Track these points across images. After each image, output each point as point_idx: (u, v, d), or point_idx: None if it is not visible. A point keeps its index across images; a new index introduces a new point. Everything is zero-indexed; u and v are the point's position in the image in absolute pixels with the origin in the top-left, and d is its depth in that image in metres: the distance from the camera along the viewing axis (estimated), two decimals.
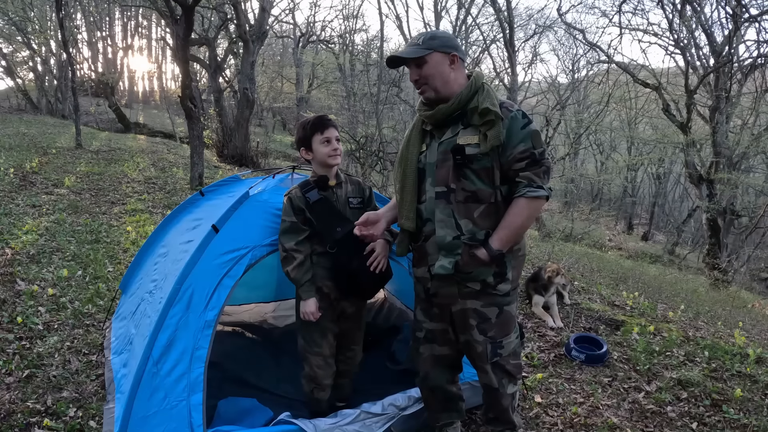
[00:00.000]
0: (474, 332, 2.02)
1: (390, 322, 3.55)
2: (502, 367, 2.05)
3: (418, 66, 1.93)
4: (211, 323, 2.07)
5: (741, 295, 9.24)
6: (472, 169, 1.90)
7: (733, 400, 2.91)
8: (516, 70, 16.76)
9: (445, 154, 1.94)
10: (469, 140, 1.90)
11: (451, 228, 1.94)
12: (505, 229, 1.90)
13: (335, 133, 2.32)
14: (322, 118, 2.36)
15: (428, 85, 1.93)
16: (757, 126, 13.60)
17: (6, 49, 21.25)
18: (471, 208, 1.92)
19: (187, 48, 8.42)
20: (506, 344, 2.05)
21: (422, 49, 1.92)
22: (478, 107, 1.89)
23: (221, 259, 2.17)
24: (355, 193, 2.39)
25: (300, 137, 2.35)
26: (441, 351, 2.17)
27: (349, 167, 17.29)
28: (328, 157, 2.29)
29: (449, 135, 1.95)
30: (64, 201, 6.66)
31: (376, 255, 2.21)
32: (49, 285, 3.98)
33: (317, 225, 2.22)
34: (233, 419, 2.37)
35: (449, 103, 1.93)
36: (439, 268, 1.97)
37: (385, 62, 2.02)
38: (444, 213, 1.95)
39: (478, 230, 1.93)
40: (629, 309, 4.62)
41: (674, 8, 12.31)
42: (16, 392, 2.61)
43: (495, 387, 2.07)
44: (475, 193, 1.91)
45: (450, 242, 1.94)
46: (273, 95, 25.24)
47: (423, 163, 2.02)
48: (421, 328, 2.18)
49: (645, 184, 26.33)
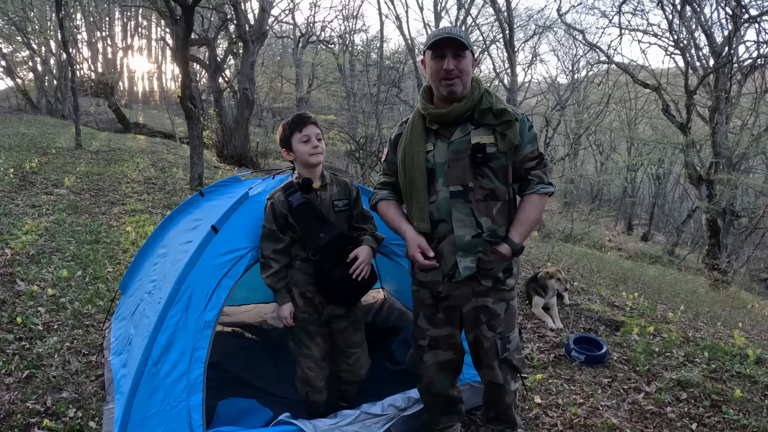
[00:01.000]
0: (483, 328, 2.04)
1: (389, 323, 3.55)
2: (509, 362, 2.08)
3: (457, 57, 1.88)
4: (211, 324, 2.07)
5: (740, 296, 9.25)
6: (490, 167, 1.93)
7: (733, 401, 2.91)
8: (516, 71, 16.77)
9: (457, 153, 1.94)
10: (486, 139, 1.92)
11: (471, 227, 1.94)
12: (524, 224, 1.97)
13: (315, 131, 2.24)
14: (301, 116, 2.30)
15: (461, 79, 1.91)
16: (757, 126, 13.62)
17: (6, 49, 21.26)
18: (490, 206, 1.95)
19: (186, 48, 8.42)
20: (512, 339, 2.09)
21: (465, 42, 1.88)
22: (492, 108, 1.92)
23: (220, 260, 2.17)
24: (340, 195, 2.32)
25: (280, 137, 2.30)
26: (445, 356, 2.15)
27: (348, 167, 17.30)
28: (309, 155, 2.22)
29: (460, 134, 1.95)
30: (63, 201, 6.66)
31: (359, 263, 2.17)
32: (49, 285, 3.97)
33: (300, 230, 2.19)
34: (233, 420, 2.37)
35: (463, 103, 1.93)
36: (465, 270, 1.96)
37: (434, 41, 1.88)
38: (462, 212, 1.94)
39: (498, 227, 1.96)
40: (629, 310, 4.62)
41: (674, 9, 12.33)
42: (15, 393, 2.61)
43: (500, 383, 2.09)
44: (494, 191, 1.95)
45: (469, 241, 1.94)
46: (273, 95, 25.25)
47: (432, 163, 1.98)
48: (424, 335, 2.14)
49: (645, 185, 26.35)
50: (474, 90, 1.96)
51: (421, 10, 54.93)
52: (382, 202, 2.16)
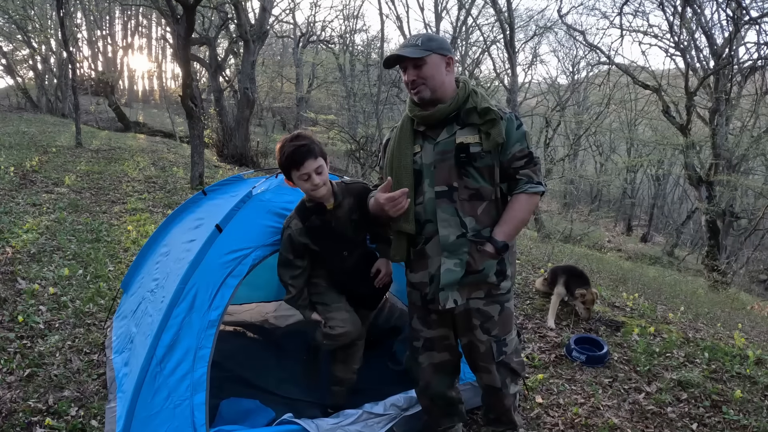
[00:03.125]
0: (477, 332, 2.02)
1: (391, 323, 3.55)
2: (507, 365, 2.05)
3: (417, 67, 1.92)
4: (215, 323, 2.08)
5: (740, 297, 9.26)
6: (475, 167, 1.93)
7: (733, 401, 2.92)
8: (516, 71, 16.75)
9: (443, 154, 1.95)
10: (470, 139, 1.92)
11: (455, 226, 1.94)
12: (508, 223, 1.96)
13: (314, 165, 2.07)
14: (296, 151, 2.06)
15: (426, 85, 1.93)
16: (757, 128, 13.63)
17: (6, 48, 21.25)
18: (475, 206, 1.95)
19: (187, 47, 8.41)
20: (509, 342, 2.06)
21: (422, 50, 1.91)
22: (477, 107, 1.93)
23: (225, 259, 2.18)
24: (355, 206, 2.24)
25: (280, 165, 2.15)
26: (441, 358, 2.13)
27: (348, 167, 17.30)
28: (311, 192, 2.14)
29: (445, 135, 1.96)
30: (64, 200, 6.66)
31: (382, 276, 2.25)
32: (50, 284, 3.97)
33: (322, 252, 2.21)
34: (235, 419, 2.37)
35: (447, 104, 1.95)
36: (447, 274, 1.93)
37: (383, 62, 2.00)
38: (447, 212, 1.94)
39: (482, 227, 1.95)
40: (629, 310, 4.63)
41: (675, 10, 12.34)
42: (17, 391, 2.61)
43: (498, 387, 2.06)
44: (478, 190, 1.94)
45: (454, 241, 1.94)
46: (273, 95, 25.22)
47: (419, 165, 1.99)
48: (418, 337, 2.13)
49: (644, 186, 26.36)
50: (459, 91, 1.97)
51: (421, 11, 54.96)
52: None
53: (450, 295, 1.97)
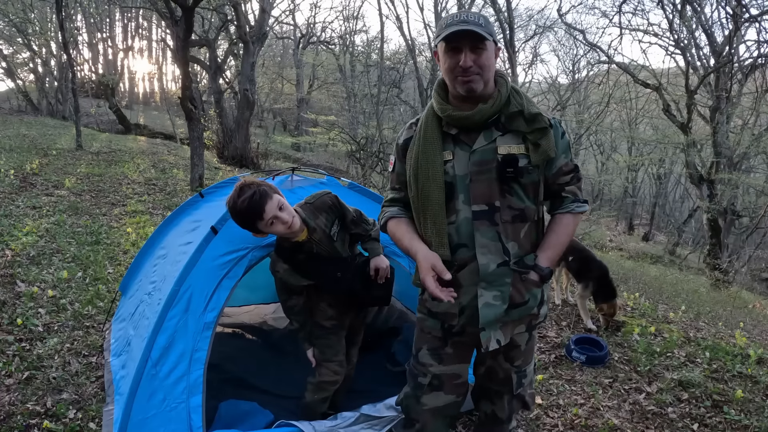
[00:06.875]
0: (500, 358, 1.83)
1: (389, 324, 3.54)
2: (521, 398, 1.91)
3: (476, 51, 1.55)
4: (211, 325, 2.07)
5: (742, 296, 9.23)
6: (521, 183, 1.63)
7: (734, 401, 2.90)
8: (516, 71, 16.76)
9: (481, 165, 1.62)
10: (515, 149, 1.62)
11: (497, 253, 1.63)
12: (554, 248, 1.70)
13: (274, 206, 1.89)
14: (251, 203, 1.88)
15: (480, 75, 1.57)
16: (758, 126, 13.58)
17: (6, 51, 21.30)
18: (518, 229, 1.66)
19: (187, 49, 8.42)
20: (528, 373, 1.90)
21: (485, 32, 1.54)
22: (523, 111, 1.62)
23: (220, 261, 2.17)
24: (329, 220, 2.12)
25: (242, 225, 1.99)
26: (447, 400, 1.81)
27: (349, 168, 17.31)
28: (286, 231, 1.98)
29: (483, 142, 1.63)
30: (64, 202, 6.66)
31: (382, 272, 2.22)
32: (49, 286, 3.97)
33: (317, 281, 2.19)
34: (234, 421, 2.37)
35: (489, 104, 1.61)
36: (487, 310, 1.64)
37: (447, 35, 1.54)
38: (486, 236, 1.63)
39: (524, 253, 1.68)
40: (630, 310, 4.62)
41: (674, 8, 12.32)
42: (15, 394, 2.60)
43: (502, 420, 1.93)
44: (523, 211, 1.65)
45: (494, 271, 1.64)
46: (273, 96, 25.27)
47: (451, 176, 1.65)
48: (426, 372, 1.79)
49: (645, 185, 26.32)
50: (500, 88, 1.64)
51: (421, 11, 55.15)
52: (391, 220, 1.80)
53: (492, 335, 1.67)
